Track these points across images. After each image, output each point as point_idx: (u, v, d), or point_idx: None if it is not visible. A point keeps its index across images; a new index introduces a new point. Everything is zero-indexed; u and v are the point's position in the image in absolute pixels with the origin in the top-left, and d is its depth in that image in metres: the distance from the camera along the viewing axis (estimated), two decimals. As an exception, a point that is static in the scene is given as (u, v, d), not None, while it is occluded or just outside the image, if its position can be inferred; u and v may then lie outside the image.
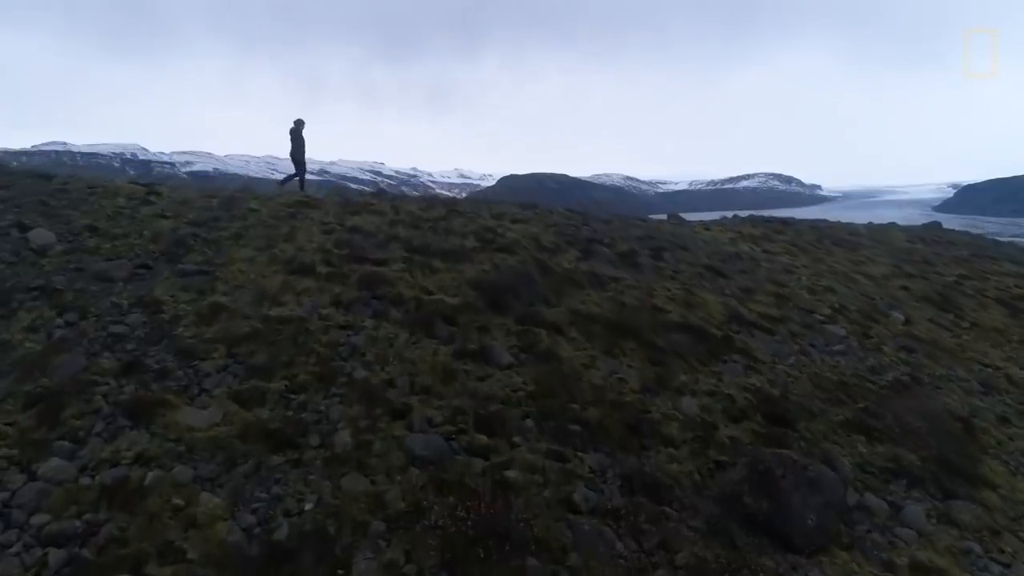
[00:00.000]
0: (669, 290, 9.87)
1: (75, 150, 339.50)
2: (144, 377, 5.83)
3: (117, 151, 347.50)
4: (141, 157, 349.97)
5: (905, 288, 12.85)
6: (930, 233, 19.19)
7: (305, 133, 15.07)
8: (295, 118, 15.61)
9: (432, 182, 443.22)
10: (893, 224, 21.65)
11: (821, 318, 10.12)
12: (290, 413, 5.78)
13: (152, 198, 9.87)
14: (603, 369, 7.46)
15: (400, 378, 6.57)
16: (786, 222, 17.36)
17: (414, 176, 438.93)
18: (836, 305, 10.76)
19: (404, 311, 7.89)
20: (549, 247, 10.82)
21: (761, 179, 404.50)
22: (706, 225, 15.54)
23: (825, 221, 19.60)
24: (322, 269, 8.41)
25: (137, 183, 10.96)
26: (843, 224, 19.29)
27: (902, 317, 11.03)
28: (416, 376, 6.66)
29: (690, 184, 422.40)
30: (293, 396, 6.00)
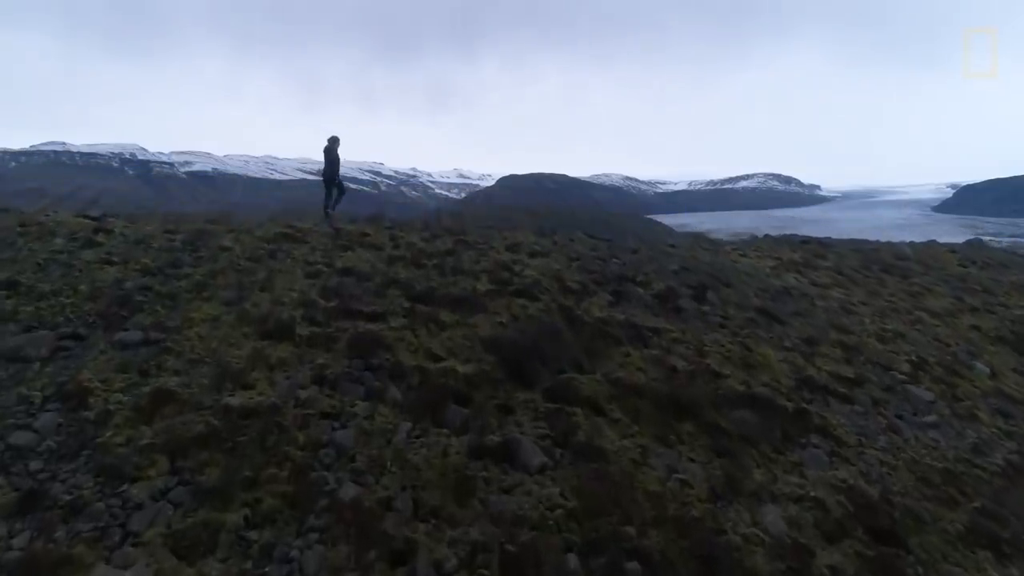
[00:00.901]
0: (722, 345, 8.23)
1: (74, 150, 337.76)
2: (47, 518, 4.22)
3: (116, 151, 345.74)
4: (140, 157, 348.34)
5: (976, 328, 11.24)
6: (978, 253, 17.56)
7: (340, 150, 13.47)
8: (329, 135, 14.06)
9: (431, 182, 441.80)
10: (934, 242, 20.05)
11: (902, 377, 8.50)
12: (248, 565, 4.17)
13: (99, 237, 8.20)
14: (659, 467, 5.84)
15: (401, 495, 4.96)
16: (825, 244, 15.74)
17: (413, 176, 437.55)
18: (914, 357, 9.14)
19: (405, 387, 6.27)
20: (575, 288, 9.19)
21: (760, 179, 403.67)
22: (741, 250, 13.90)
23: (867, 242, 17.98)
24: (304, 330, 6.78)
25: (87, 216, 9.31)
26: (885, 244, 17.67)
27: (987, 369, 9.43)
28: (422, 490, 5.04)
29: (689, 184, 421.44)
30: (254, 536, 4.39)
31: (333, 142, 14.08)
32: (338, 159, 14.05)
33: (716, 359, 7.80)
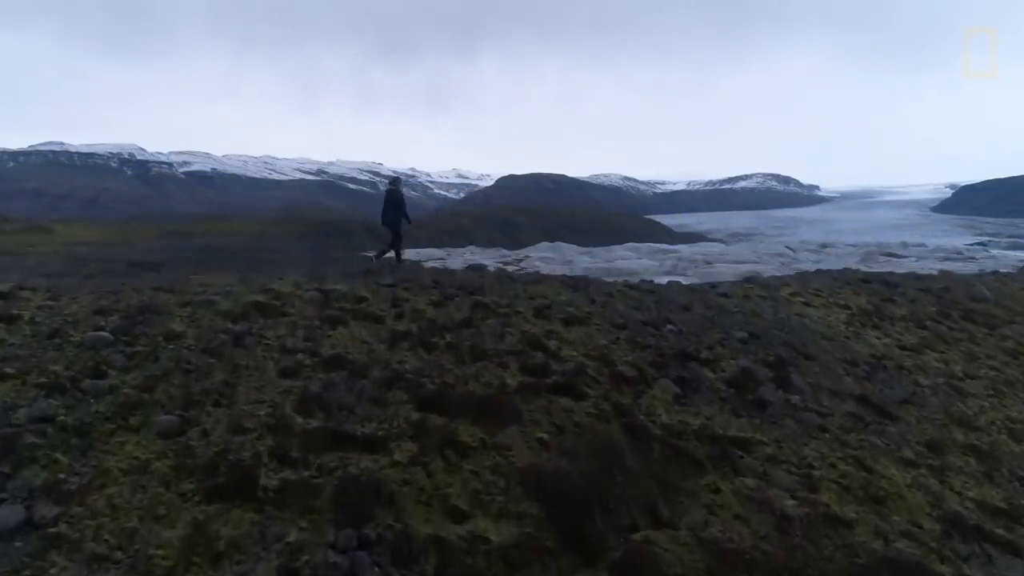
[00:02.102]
0: (833, 465, 6.18)
1: (72, 150, 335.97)
2: None
3: (115, 151, 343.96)
4: (139, 157, 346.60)
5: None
6: (1054, 288, 15.54)
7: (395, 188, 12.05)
8: (392, 175, 12.81)
9: (430, 182, 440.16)
10: (1010, 275, 18.02)
11: (1065, 501, 6.50)
12: None
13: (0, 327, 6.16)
14: None
15: None
16: (888, 282, 13.70)
17: (412, 176, 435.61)
18: (1064, 464, 7.13)
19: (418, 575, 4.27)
20: (628, 374, 7.14)
21: (759, 179, 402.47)
22: (800, 295, 11.86)
23: (932, 276, 15.94)
24: (271, 478, 4.73)
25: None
26: (956, 278, 15.63)
27: None
28: None
29: (688, 184, 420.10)
30: None
31: (396, 183, 13.00)
32: (403, 200, 12.64)
33: (832, 492, 5.76)
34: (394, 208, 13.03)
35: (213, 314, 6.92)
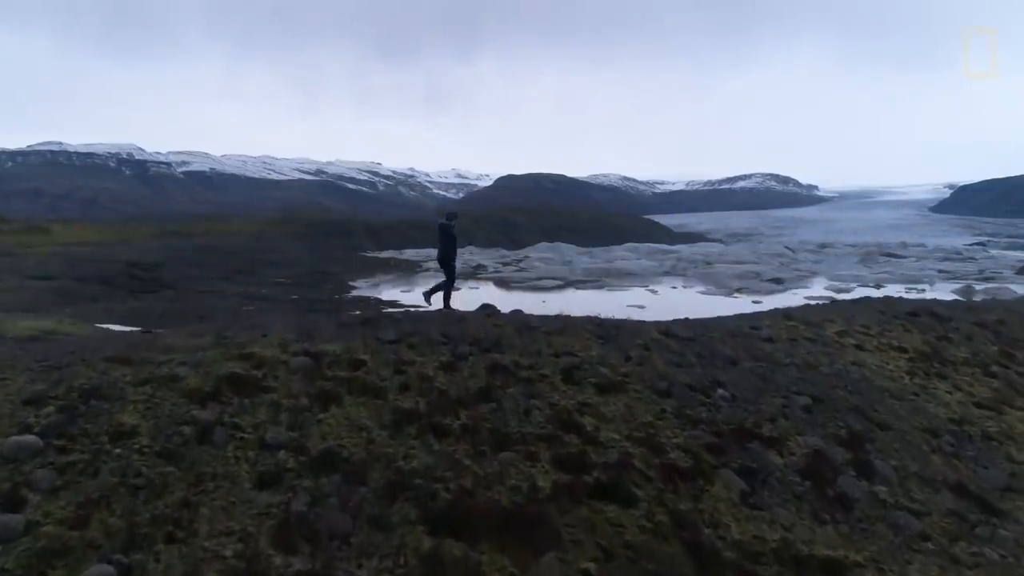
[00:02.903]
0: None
1: (71, 150, 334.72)
2: None
3: (113, 151, 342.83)
4: (138, 157, 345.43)
5: None
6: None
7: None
8: (447, 211, 11.69)
9: (429, 182, 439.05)
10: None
11: None
12: None
13: None
14: None
15: None
16: (938, 315, 12.44)
17: (411, 176, 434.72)
18: None
19: None
20: (682, 464, 5.88)
21: (758, 179, 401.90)
22: (848, 333, 10.59)
23: (982, 306, 14.67)
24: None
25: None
26: (1007, 306, 14.37)
27: None
28: None
29: (687, 184, 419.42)
30: None
31: (451, 218, 12.03)
32: (455, 238, 11.79)
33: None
34: (450, 244, 12.23)
35: (177, 396, 5.62)
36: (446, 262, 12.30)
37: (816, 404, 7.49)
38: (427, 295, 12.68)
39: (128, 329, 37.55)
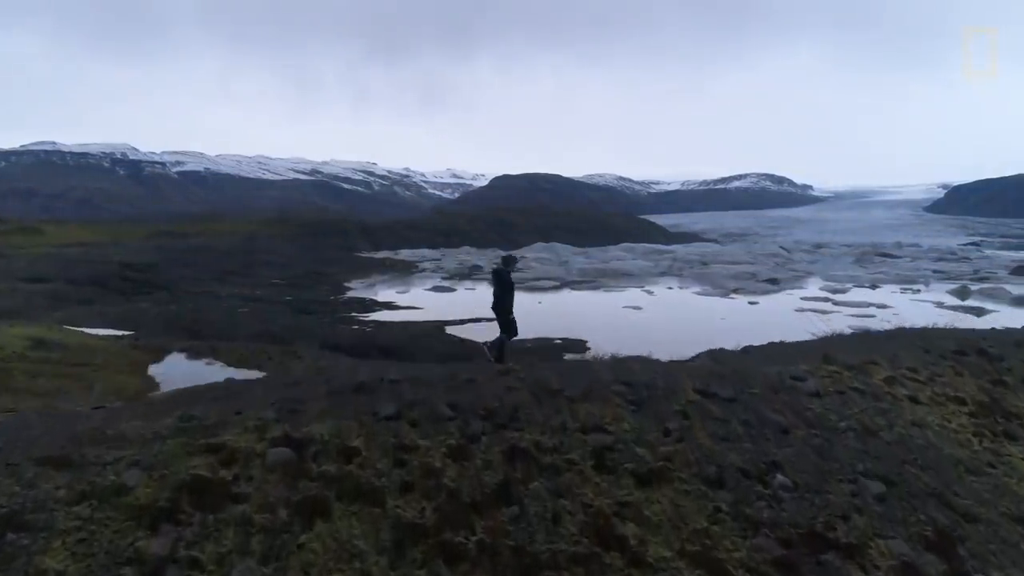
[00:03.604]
0: None
1: (64, 150, 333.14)
2: None
3: (107, 151, 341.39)
4: (132, 157, 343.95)
5: None
6: None
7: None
8: (502, 254, 10.77)
9: (425, 182, 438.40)
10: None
11: None
12: None
13: None
14: None
15: None
16: (987, 353, 11.37)
17: (407, 176, 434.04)
18: None
19: None
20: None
21: (753, 179, 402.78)
22: (904, 387, 9.47)
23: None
24: None
25: None
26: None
27: None
28: None
29: (683, 184, 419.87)
30: None
31: (509, 263, 10.61)
32: (513, 284, 10.30)
33: None
34: (507, 292, 10.73)
35: (121, 518, 4.44)
36: (502, 313, 10.72)
37: (889, 489, 6.36)
38: (491, 352, 10.99)
39: (119, 334, 36.29)
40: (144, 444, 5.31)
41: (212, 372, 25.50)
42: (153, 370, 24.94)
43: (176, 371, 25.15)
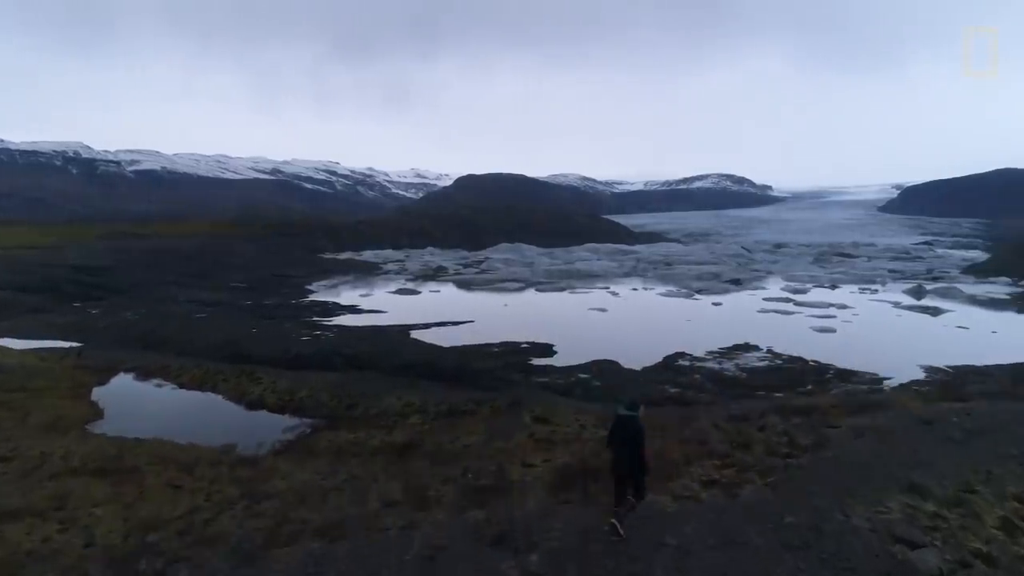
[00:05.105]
0: None
1: (13, 147, 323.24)
2: None
3: (59, 149, 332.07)
4: (85, 155, 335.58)
5: None
6: None
7: None
8: (625, 398, 8.72)
9: (389, 182, 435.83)
10: None
11: None
12: None
13: None
14: None
15: None
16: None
17: (370, 176, 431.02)
18: None
19: None
20: None
21: (714, 180, 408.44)
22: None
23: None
24: None
25: None
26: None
27: None
28: None
29: (645, 184, 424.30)
30: None
31: (634, 407, 7.81)
32: (642, 431, 7.64)
33: None
34: (635, 444, 7.69)
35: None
36: (632, 471, 7.80)
37: None
38: (620, 524, 7.58)
39: (68, 346, 34.60)
40: None
41: (163, 396, 24.91)
42: (98, 394, 24.12)
43: (123, 395, 24.42)
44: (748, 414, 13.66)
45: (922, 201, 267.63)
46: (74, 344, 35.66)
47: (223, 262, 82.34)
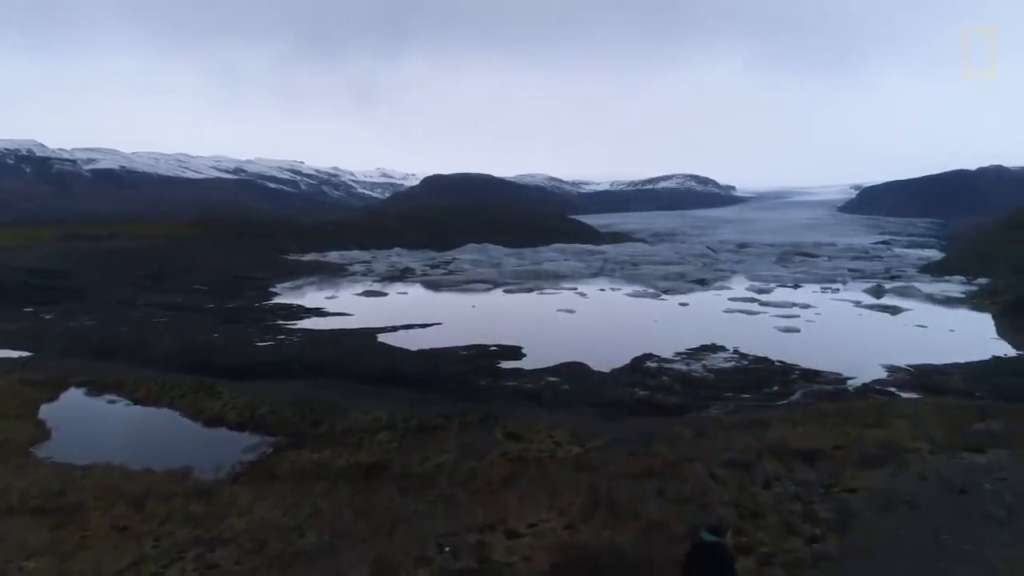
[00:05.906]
0: None
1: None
2: None
3: (11, 147, 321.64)
4: (39, 154, 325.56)
5: None
6: None
7: None
8: (701, 517, 7.67)
9: (354, 181, 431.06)
10: None
11: None
12: None
13: None
14: None
15: None
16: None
17: (335, 175, 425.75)
18: None
19: None
20: None
21: (679, 180, 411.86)
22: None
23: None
24: None
25: None
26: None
27: None
28: None
29: (612, 185, 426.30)
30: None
31: (719, 531, 6.05)
32: (734, 558, 6.17)
33: None
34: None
35: None
36: None
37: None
38: None
39: (17, 356, 33.09)
40: None
41: (116, 413, 23.91)
42: (45, 412, 23.13)
43: (73, 413, 23.47)
44: (745, 459, 12.25)
45: (879, 201, 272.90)
46: (23, 354, 34.33)
47: (184, 264, 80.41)
